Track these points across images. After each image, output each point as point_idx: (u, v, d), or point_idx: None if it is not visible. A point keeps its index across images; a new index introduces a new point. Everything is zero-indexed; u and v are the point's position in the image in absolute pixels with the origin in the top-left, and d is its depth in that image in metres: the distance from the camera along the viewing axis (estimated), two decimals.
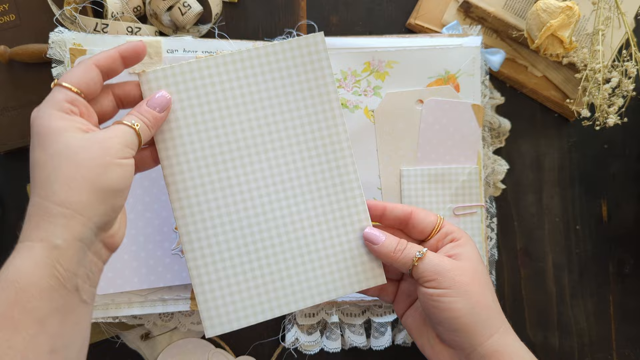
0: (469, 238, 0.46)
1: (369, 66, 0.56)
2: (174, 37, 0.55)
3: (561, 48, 0.54)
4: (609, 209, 0.61)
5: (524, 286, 0.60)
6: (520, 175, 0.61)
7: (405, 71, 0.56)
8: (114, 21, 0.54)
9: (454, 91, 0.56)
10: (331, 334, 0.57)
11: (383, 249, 0.44)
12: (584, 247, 0.61)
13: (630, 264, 0.61)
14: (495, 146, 0.59)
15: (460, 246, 0.44)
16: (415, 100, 0.56)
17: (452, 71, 0.56)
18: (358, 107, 0.56)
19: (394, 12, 0.60)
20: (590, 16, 0.56)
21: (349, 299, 0.56)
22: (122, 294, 0.52)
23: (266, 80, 0.45)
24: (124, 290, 0.52)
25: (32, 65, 0.56)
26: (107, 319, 0.53)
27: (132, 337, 0.57)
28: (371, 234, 0.45)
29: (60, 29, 0.53)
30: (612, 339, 0.60)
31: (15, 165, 0.58)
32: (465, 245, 0.44)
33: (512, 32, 0.57)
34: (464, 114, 0.55)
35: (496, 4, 0.57)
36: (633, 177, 0.61)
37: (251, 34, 0.59)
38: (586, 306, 0.60)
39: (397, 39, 0.56)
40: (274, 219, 0.45)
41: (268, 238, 0.45)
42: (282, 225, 0.45)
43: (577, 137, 0.61)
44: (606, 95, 0.53)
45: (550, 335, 0.60)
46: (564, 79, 0.59)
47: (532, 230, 0.60)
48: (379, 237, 0.45)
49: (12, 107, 0.57)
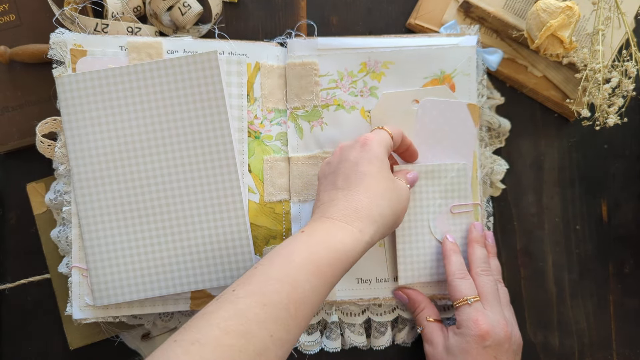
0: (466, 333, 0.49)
1: (365, 67, 0.56)
2: (174, 37, 0.55)
3: (561, 48, 0.54)
4: (609, 209, 0.61)
5: (524, 286, 0.60)
6: (520, 175, 0.61)
7: (401, 71, 0.56)
8: (114, 21, 0.54)
9: (450, 91, 0.56)
10: (331, 334, 0.57)
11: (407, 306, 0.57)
12: (584, 247, 0.60)
13: (630, 264, 0.60)
14: (495, 146, 0.59)
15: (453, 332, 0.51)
16: (411, 101, 0.56)
17: (448, 71, 0.56)
18: (354, 108, 0.56)
19: (393, 12, 0.60)
20: (590, 16, 0.56)
21: (349, 298, 0.56)
22: None
23: (163, 90, 0.52)
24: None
25: (32, 65, 0.56)
26: (107, 319, 0.53)
27: (132, 337, 0.57)
28: (399, 296, 0.56)
29: (61, 30, 0.53)
30: (612, 339, 0.60)
31: (15, 165, 0.58)
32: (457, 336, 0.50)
33: (512, 32, 0.57)
34: (460, 114, 0.55)
35: (496, 4, 0.57)
36: (633, 177, 0.61)
37: (251, 34, 0.59)
38: (586, 306, 0.60)
39: (393, 38, 0.56)
40: (168, 212, 0.52)
41: (161, 228, 0.52)
42: (170, 219, 0.52)
43: (577, 137, 0.61)
44: (606, 95, 0.53)
45: (550, 335, 0.60)
46: (564, 79, 0.59)
47: (532, 230, 0.60)
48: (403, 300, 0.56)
49: (12, 107, 0.57)
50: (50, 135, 0.54)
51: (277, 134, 0.57)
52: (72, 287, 0.52)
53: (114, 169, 0.52)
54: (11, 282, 0.57)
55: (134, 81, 0.52)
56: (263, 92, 0.56)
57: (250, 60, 0.56)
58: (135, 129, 0.52)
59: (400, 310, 0.57)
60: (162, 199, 0.52)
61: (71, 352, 0.57)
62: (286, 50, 0.57)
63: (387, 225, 0.47)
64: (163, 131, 0.52)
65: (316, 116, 0.56)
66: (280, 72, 0.57)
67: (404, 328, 0.57)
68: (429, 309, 0.54)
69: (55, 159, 0.53)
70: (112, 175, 0.52)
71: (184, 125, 0.52)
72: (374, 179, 0.47)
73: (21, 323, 0.58)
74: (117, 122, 0.52)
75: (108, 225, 0.52)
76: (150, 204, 0.52)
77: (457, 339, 0.50)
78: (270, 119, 0.56)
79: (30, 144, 0.56)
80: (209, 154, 0.52)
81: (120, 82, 0.51)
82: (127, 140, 0.52)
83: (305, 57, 0.56)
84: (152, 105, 0.52)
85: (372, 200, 0.46)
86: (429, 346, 0.53)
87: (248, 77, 0.56)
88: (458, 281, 0.51)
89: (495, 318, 0.50)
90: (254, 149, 0.56)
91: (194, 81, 0.52)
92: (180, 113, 0.52)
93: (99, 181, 0.52)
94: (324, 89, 0.56)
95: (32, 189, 0.57)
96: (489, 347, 0.49)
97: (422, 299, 0.55)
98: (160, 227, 0.52)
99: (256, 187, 0.55)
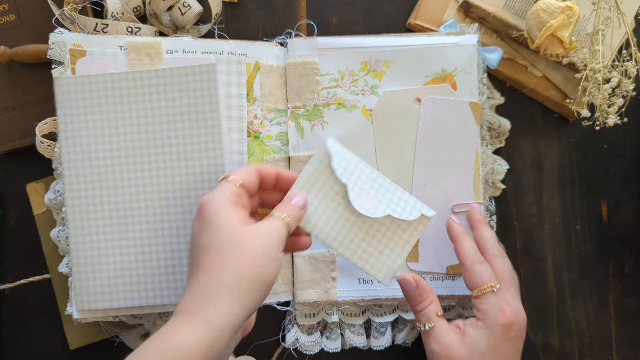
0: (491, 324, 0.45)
1: (366, 65, 0.56)
2: (174, 37, 0.55)
3: (561, 48, 0.54)
4: (609, 209, 0.61)
5: (524, 286, 0.60)
6: (520, 175, 0.61)
7: (402, 70, 0.56)
8: (114, 21, 0.54)
9: (451, 89, 0.56)
10: (331, 334, 0.57)
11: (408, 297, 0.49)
12: (584, 247, 0.60)
13: (630, 264, 0.60)
14: (495, 146, 0.59)
15: (475, 327, 0.45)
16: (412, 99, 0.56)
17: (449, 69, 0.56)
18: (356, 107, 0.56)
19: (394, 12, 0.60)
20: (590, 16, 0.56)
21: (349, 298, 0.56)
22: None
23: (160, 99, 0.51)
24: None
25: (32, 65, 0.56)
26: (107, 319, 0.53)
27: (132, 337, 0.57)
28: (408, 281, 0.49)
29: (61, 30, 0.53)
30: (612, 339, 0.60)
31: (15, 165, 0.58)
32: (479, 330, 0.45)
33: (512, 32, 0.57)
34: (462, 112, 0.55)
35: (496, 4, 0.57)
36: (633, 177, 0.61)
37: (251, 34, 0.59)
38: (586, 306, 0.60)
39: (393, 37, 0.56)
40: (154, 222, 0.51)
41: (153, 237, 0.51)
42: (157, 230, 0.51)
43: (577, 137, 0.61)
44: (606, 95, 0.52)
45: (550, 335, 0.60)
46: (564, 79, 0.59)
47: (532, 230, 0.60)
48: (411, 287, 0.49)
49: (12, 107, 0.57)
50: (50, 136, 0.54)
51: (276, 134, 0.57)
52: (72, 287, 0.52)
53: (105, 174, 0.51)
54: (11, 282, 0.57)
55: (131, 88, 0.51)
56: (263, 91, 0.56)
57: (250, 60, 0.56)
58: (129, 135, 0.51)
59: (400, 311, 0.57)
60: (150, 208, 0.51)
61: (71, 352, 0.57)
62: (286, 50, 0.57)
63: (247, 293, 0.38)
64: (156, 140, 0.51)
65: (317, 115, 0.56)
66: (280, 72, 0.57)
67: (404, 328, 0.57)
68: (437, 303, 0.49)
69: (55, 159, 0.53)
70: (103, 181, 0.51)
71: (177, 136, 0.51)
72: (212, 249, 0.39)
73: (21, 323, 0.58)
74: (111, 127, 0.51)
75: (95, 230, 0.51)
76: (137, 212, 0.51)
77: (483, 333, 0.45)
78: (270, 118, 0.56)
79: (30, 144, 0.56)
80: (199, 167, 0.51)
81: (117, 88, 0.51)
82: (120, 146, 0.51)
83: (305, 56, 0.56)
84: (148, 113, 0.51)
85: (214, 277, 0.38)
86: (437, 346, 0.46)
87: (248, 77, 0.56)
88: (478, 266, 0.46)
89: (516, 305, 0.46)
90: (253, 149, 0.56)
91: (191, 92, 0.51)
92: (175, 123, 0.51)
93: (89, 185, 0.51)
94: (325, 88, 0.56)
95: (32, 189, 0.57)
96: (513, 338, 0.45)
97: (431, 290, 0.49)
98: (146, 237, 0.51)
99: None
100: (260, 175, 0.46)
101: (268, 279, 0.40)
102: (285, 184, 0.48)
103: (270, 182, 0.47)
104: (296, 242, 0.48)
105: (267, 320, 0.58)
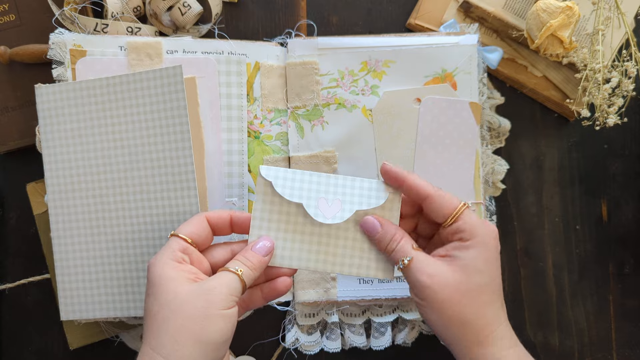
0: (482, 239, 0.42)
1: (366, 65, 0.56)
2: (174, 37, 0.55)
3: (561, 48, 0.54)
4: (609, 209, 0.61)
5: (524, 286, 0.60)
6: (520, 175, 0.61)
7: (402, 70, 0.56)
8: (114, 21, 0.54)
9: (451, 89, 0.56)
10: (331, 334, 0.57)
11: (376, 242, 0.45)
12: (584, 247, 0.60)
13: (630, 264, 0.60)
14: (495, 146, 0.59)
15: (463, 249, 0.42)
16: (412, 99, 0.56)
17: (449, 69, 0.56)
18: (356, 107, 0.56)
19: (394, 12, 0.60)
20: (590, 16, 0.56)
21: (349, 298, 0.56)
22: None
23: (131, 105, 0.50)
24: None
25: (32, 65, 0.56)
26: (107, 319, 0.53)
27: (132, 337, 0.57)
28: (370, 223, 0.45)
29: (61, 30, 0.53)
30: (612, 339, 0.60)
31: (15, 165, 0.58)
32: (470, 249, 0.42)
33: (512, 32, 0.57)
34: (462, 112, 0.55)
35: (496, 4, 0.57)
36: (633, 177, 0.61)
37: (251, 34, 0.59)
38: (586, 306, 0.60)
39: (393, 37, 0.56)
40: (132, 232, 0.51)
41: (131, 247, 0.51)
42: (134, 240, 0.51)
43: (577, 137, 0.61)
44: (606, 95, 0.53)
45: (550, 335, 0.60)
46: (564, 79, 0.59)
47: (532, 230, 0.60)
48: (375, 228, 0.45)
49: (12, 107, 0.57)
50: None
51: (276, 134, 0.57)
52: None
53: (85, 182, 0.51)
54: (11, 282, 0.57)
55: (103, 94, 0.50)
56: (263, 91, 0.56)
57: (250, 60, 0.56)
58: (105, 143, 0.51)
59: (400, 311, 0.57)
60: (128, 218, 0.51)
61: (71, 352, 0.57)
62: (286, 50, 0.57)
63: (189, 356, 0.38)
64: (130, 147, 0.50)
65: (317, 115, 0.56)
66: (280, 72, 0.57)
67: (404, 328, 0.57)
68: (408, 238, 0.44)
69: None
70: (83, 189, 0.51)
71: (149, 142, 0.50)
72: (151, 314, 0.39)
73: (21, 323, 0.58)
74: (88, 135, 0.51)
75: (77, 240, 0.51)
76: (116, 222, 0.51)
77: (476, 250, 0.42)
78: (270, 118, 0.57)
79: (30, 144, 0.56)
80: (171, 175, 0.50)
81: (92, 95, 0.50)
82: (98, 155, 0.51)
83: (305, 56, 0.56)
84: (122, 120, 0.50)
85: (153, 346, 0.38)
86: (425, 277, 0.41)
87: (248, 77, 0.56)
88: (442, 191, 0.43)
89: None
90: (253, 149, 0.56)
91: (160, 96, 0.50)
92: (146, 129, 0.50)
93: (70, 194, 0.51)
94: (325, 87, 0.56)
95: (32, 189, 0.57)
96: (498, 250, 0.43)
97: (398, 228, 0.45)
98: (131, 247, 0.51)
99: None
100: (211, 224, 0.45)
101: (212, 337, 0.38)
102: (241, 227, 0.46)
103: (224, 228, 0.46)
104: (274, 287, 0.45)
105: (267, 320, 0.58)
